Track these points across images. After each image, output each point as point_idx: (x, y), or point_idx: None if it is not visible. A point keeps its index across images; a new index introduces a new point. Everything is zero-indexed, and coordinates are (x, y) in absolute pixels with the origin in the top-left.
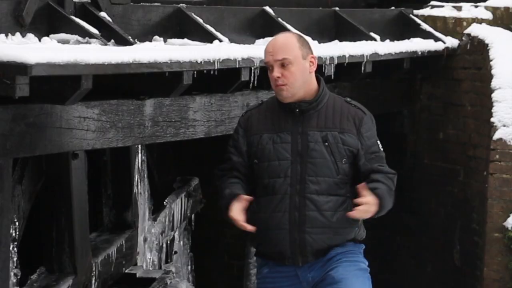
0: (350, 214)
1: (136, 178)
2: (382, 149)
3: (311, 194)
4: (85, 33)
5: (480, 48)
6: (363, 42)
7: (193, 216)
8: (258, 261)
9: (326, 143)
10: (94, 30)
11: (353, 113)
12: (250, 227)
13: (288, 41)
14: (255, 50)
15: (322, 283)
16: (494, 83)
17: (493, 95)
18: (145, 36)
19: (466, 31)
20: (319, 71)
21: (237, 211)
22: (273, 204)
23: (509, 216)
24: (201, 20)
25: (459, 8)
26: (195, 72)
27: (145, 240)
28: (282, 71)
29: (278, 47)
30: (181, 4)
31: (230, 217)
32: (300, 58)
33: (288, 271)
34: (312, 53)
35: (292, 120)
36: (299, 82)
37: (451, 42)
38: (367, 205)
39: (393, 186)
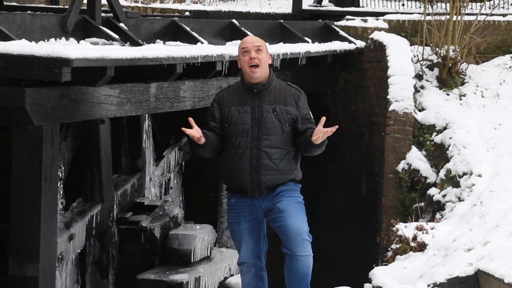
0: (314, 140)
1: (144, 137)
2: (312, 117)
3: (264, 148)
4: (109, 38)
5: (380, 48)
6: (300, 43)
7: (183, 163)
8: (228, 194)
9: (275, 113)
10: (115, 36)
11: (293, 92)
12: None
13: (260, 39)
14: (226, 49)
15: (271, 212)
16: (389, 72)
17: (389, 80)
18: (150, 39)
19: (370, 36)
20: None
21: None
22: (238, 155)
23: (399, 163)
24: (188, 29)
25: (365, 21)
26: (184, 64)
27: (150, 179)
28: (257, 55)
29: (255, 40)
30: (175, 18)
31: (187, 132)
32: (266, 51)
33: (248, 201)
34: (269, 52)
35: (251, 97)
36: (265, 67)
37: (360, 43)
38: (325, 131)
39: None
